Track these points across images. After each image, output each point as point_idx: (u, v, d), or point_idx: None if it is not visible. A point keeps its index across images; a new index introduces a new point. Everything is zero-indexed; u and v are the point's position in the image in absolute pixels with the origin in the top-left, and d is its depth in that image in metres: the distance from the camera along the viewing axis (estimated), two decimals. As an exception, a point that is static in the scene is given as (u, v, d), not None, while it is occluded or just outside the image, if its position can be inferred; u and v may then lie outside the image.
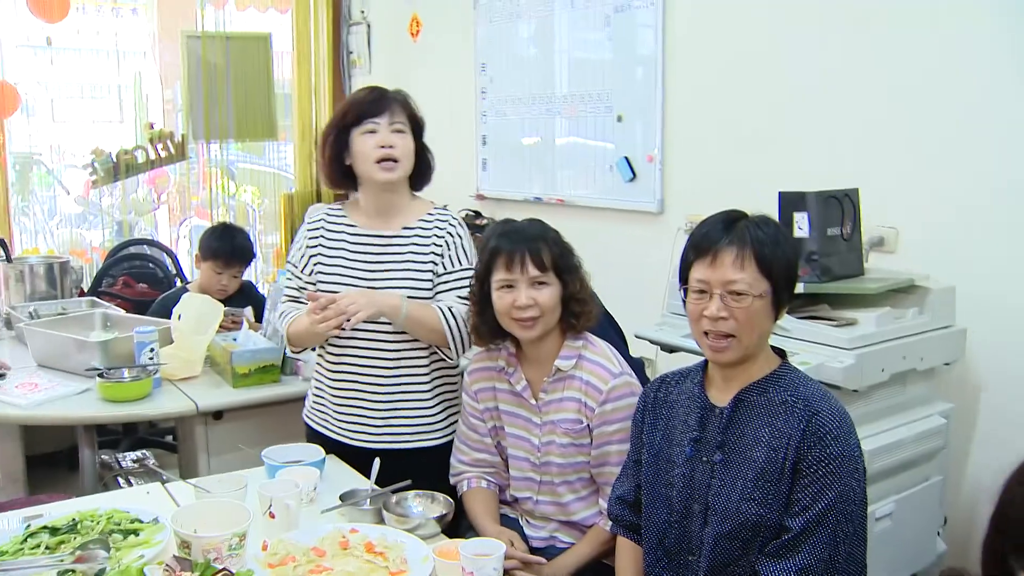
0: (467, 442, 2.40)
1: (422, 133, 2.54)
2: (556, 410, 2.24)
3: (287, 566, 1.77)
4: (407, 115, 2.47)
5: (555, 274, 2.21)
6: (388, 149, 2.40)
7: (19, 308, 3.71)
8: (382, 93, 2.47)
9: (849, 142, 3.09)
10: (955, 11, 2.80)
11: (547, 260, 2.19)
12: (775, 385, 1.84)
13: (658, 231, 3.81)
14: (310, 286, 2.48)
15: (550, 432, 2.25)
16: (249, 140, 6.04)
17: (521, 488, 2.33)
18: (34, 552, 1.80)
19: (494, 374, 2.34)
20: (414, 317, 2.38)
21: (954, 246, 2.80)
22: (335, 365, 2.50)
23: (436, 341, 2.44)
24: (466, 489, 2.37)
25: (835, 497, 1.73)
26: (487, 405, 2.36)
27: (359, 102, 2.45)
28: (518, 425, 2.31)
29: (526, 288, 2.18)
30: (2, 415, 2.85)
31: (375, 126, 2.41)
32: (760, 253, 1.80)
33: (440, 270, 2.47)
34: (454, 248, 2.49)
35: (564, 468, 2.25)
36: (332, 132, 2.46)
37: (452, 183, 5.25)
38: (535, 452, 2.28)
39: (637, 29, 3.92)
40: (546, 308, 2.19)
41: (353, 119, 2.42)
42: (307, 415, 2.64)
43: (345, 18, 6.18)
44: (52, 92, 5.54)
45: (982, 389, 2.79)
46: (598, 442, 2.21)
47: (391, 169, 2.41)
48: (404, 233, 2.48)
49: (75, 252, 5.58)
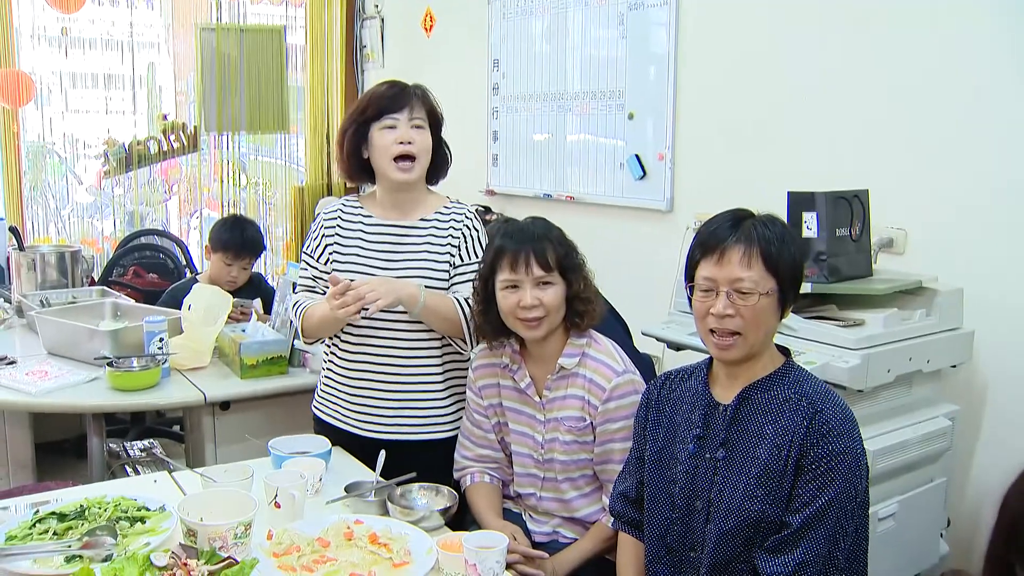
0: (471, 438, 2.41)
1: (440, 127, 2.54)
2: (560, 407, 2.25)
3: (292, 555, 1.78)
4: (426, 110, 2.47)
5: (559, 273, 2.21)
6: (407, 145, 2.40)
7: (30, 296, 3.74)
8: (402, 88, 2.47)
9: (860, 143, 3.09)
10: (960, 12, 2.80)
11: (551, 260, 2.20)
12: (779, 383, 1.85)
13: (667, 229, 3.81)
14: (325, 275, 2.48)
15: (553, 429, 2.26)
16: (261, 132, 6.07)
17: (524, 484, 2.34)
18: (42, 537, 1.82)
19: (498, 371, 2.35)
20: (431, 307, 2.38)
21: (963, 248, 2.80)
22: (350, 355, 2.49)
23: (451, 332, 2.44)
24: (469, 483, 2.37)
25: (836, 494, 1.73)
26: (491, 401, 2.36)
27: (379, 96, 2.44)
28: (522, 422, 2.32)
29: (531, 288, 2.19)
30: (12, 402, 2.87)
31: (395, 121, 2.41)
32: (766, 251, 1.80)
33: (457, 262, 2.48)
34: (471, 241, 2.50)
35: (567, 465, 2.25)
36: (351, 126, 2.46)
37: (462, 178, 5.23)
38: (538, 449, 2.29)
39: (650, 27, 3.92)
40: (551, 308, 2.20)
41: (374, 113, 2.42)
42: (316, 406, 2.64)
43: (359, 12, 6.19)
44: (66, 82, 5.56)
45: (988, 391, 2.78)
46: (601, 439, 2.21)
47: (408, 169, 2.42)
48: (422, 224, 2.49)
49: (86, 242, 5.61)
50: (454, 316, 2.40)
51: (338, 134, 2.52)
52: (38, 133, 5.51)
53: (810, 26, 3.25)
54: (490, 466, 2.39)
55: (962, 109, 2.80)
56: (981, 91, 2.76)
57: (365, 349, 2.47)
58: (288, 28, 6.12)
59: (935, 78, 2.88)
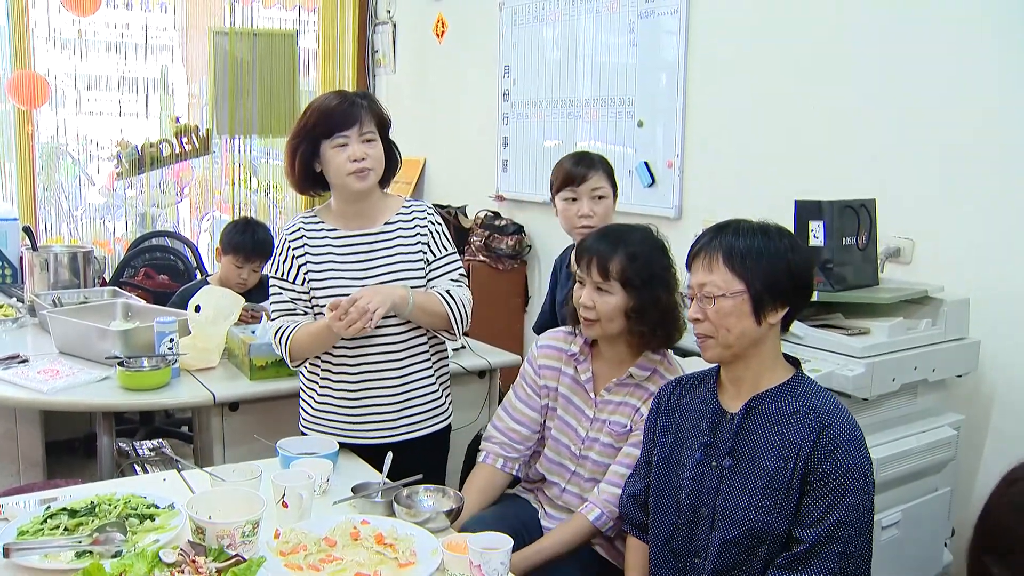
0: (510, 411, 2.42)
1: (388, 131, 2.51)
2: (612, 411, 2.28)
3: (298, 554, 1.80)
4: (375, 120, 2.44)
5: (620, 284, 2.19)
6: (360, 162, 2.38)
7: (43, 296, 3.76)
8: (350, 102, 2.42)
9: (868, 152, 3.10)
10: (969, 22, 2.81)
11: (614, 270, 2.19)
12: (788, 394, 1.86)
13: (676, 237, 3.80)
14: (304, 295, 2.47)
15: (598, 430, 2.29)
16: (272, 136, 6.10)
17: (552, 472, 2.36)
18: (53, 533, 1.84)
19: (564, 356, 2.37)
20: (420, 304, 2.42)
21: (970, 258, 2.80)
22: (346, 369, 2.49)
23: (438, 325, 2.48)
24: (480, 460, 2.42)
25: (846, 511, 1.74)
26: (547, 383, 2.38)
27: (328, 114, 2.40)
28: (570, 412, 2.34)
29: (590, 290, 2.22)
30: (25, 400, 2.89)
31: (345, 139, 2.38)
32: (728, 254, 1.83)
33: (430, 258, 2.51)
34: (438, 235, 2.53)
35: (599, 466, 2.28)
36: (300, 142, 2.43)
37: (472, 184, 5.30)
38: (578, 442, 2.31)
39: (661, 35, 3.94)
40: (603, 314, 2.20)
41: (323, 132, 2.40)
42: (308, 427, 2.59)
43: (371, 17, 6.23)
44: (80, 84, 5.60)
45: (994, 402, 2.79)
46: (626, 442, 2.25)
47: (365, 178, 2.40)
48: (387, 229, 2.50)
49: (98, 242, 5.64)
50: (441, 310, 2.44)
51: (287, 149, 2.47)
52: (52, 134, 5.56)
53: (819, 36, 3.26)
54: (515, 444, 2.39)
55: (970, 119, 2.81)
56: (989, 101, 2.77)
57: (360, 360, 2.47)
58: (300, 32, 6.16)
59: (943, 89, 2.88)
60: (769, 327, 1.85)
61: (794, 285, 1.85)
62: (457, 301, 2.47)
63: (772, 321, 1.85)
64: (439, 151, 5.75)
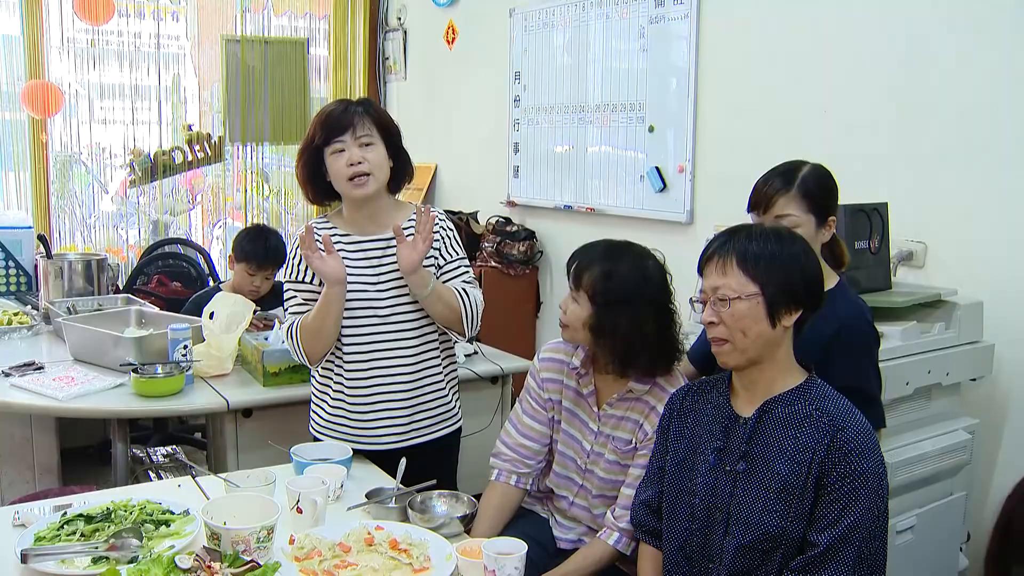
0: (517, 425, 2.40)
1: (395, 136, 2.51)
2: (615, 426, 2.26)
3: (313, 560, 1.81)
4: (374, 124, 2.44)
5: (588, 297, 2.19)
6: (356, 166, 2.39)
7: (57, 303, 3.78)
8: (344, 107, 2.44)
9: (880, 156, 3.09)
10: (982, 27, 2.81)
11: (585, 281, 2.19)
12: (801, 398, 1.85)
13: (687, 241, 3.82)
14: (318, 293, 2.45)
15: (603, 445, 2.27)
16: (284, 143, 6.13)
17: (561, 486, 2.36)
18: (70, 539, 1.85)
19: (566, 369, 2.35)
20: (438, 291, 2.43)
21: (984, 262, 2.79)
22: (359, 375, 2.49)
23: (451, 319, 2.48)
24: (492, 479, 2.38)
25: (861, 514, 1.74)
26: (551, 396, 2.37)
27: (323, 122, 2.43)
28: (575, 425, 2.34)
29: (569, 294, 2.24)
30: (40, 407, 2.91)
31: (342, 144, 2.39)
32: (742, 257, 1.83)
33: (442, 263, 2.52)
34: (449, 241, 2.55)
35: (604, 483, 2.27)
36: (305, 154, 2.46)
37: (483, 190, 5.31)
38: (583, 455, 2.30)
39: (671, 41, 3.94)
40: (570, 321, 2.22)
41: (322, 141, 2.41)
42: (320, 433, 2.58)
43: (382, 24, 6.25)
44: (94, 93, 5.64)
45: (1009, 405, 2.77)
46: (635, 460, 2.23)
47: (363, 184, 2.41)
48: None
49: (111, 250, 5.67)
50: (455, 304, 2.45)
51: (297, 164, 2.51)
52: (65, 143, 5.60)
53: (830, 40, 3.26)
54: (525, 460, 2.37)
55: (983, 123, 2.81)
56: (1002, 105, 2.76)
57: (373, 364, 2.48)
58: (311, 40, 6.19)
59: (955, 93, 2.88)
60: (783, 330, 1.85)
61: (807, 289, 1.85)
62: (471, 299, 2.48)
63: (786, 324, 1.84)
64: (450, 157, 5.76)
